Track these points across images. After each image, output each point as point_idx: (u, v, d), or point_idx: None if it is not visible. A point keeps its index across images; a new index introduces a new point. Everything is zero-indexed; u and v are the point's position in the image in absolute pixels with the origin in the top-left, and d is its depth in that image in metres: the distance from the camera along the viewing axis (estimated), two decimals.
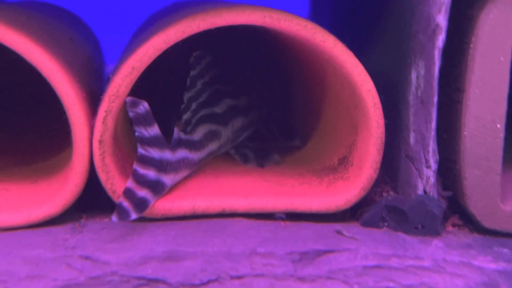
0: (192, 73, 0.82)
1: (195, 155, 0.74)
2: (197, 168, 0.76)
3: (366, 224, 0.66)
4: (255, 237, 0.57)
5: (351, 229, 0.62)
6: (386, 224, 0.64)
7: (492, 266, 0.53)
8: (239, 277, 0.50)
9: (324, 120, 0.85)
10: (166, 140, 0.67)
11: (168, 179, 0.67)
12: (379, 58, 0.86)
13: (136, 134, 0.62)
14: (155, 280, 0.50)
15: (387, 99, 0.76)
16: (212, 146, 0.79)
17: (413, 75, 0.65)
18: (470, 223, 0.62)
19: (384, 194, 0.69)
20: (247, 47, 1.03)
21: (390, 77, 0.76)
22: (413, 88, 0.65)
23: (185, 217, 0.65)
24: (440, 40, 0.61)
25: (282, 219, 0.69)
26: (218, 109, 0.83)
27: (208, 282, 0.49)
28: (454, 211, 0.65)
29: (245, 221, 0.63)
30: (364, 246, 0.56)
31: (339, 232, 0.60)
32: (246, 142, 0.88)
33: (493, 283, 0.51)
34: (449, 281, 0.51)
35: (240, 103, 0.88)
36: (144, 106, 0.63)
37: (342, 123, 0.77)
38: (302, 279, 0.51)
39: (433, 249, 0.57)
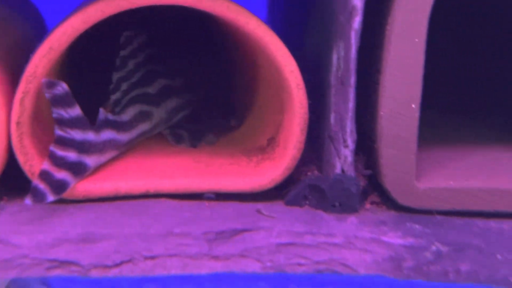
0: (122, 53, 0.81)
1: (123, 136, 0.73)
2: (126, 149, 0.76)
3: (289, 203, 0.67)
4: (175, 218, 0.57)
5: (273, 208, 0.64)
6: (308, 202, 0.66)
7: (400, 241, 0.55)
8: (152, 258, 0.51)
9: (258, 101, 0.86)
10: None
11: (91, 160, 0.66)
12: (312, 40, 0.87)
13: (54, 115, 0.62)
14: (67, 262, 0.50)
15: (316, 80, 0.77)
16: (143, 127, 0.78)
17: (334, 57, 0.66)
18: (387, 201, 0.64)
19: (309, 174, 0.70)
20: (190, 29, 1.03)
21: (319, 59, 0.77)
22: (334, 69, 0.66)
23: (109, 198, 0.65)
24: (357, 21, 0.61)
25: (211, 199, 0.70)
26: (151, 90, 0.82)
27: (121, 263, 0.50)
28: (374, 189, 0.67)
29: (168, 202, 0.63)
30: (280, 225, 0.57)
31: (259, 211, 0.61)
32: (182, 123, 0.89)
33: (399, 258, 0.53)
34: (358, 256, 0.53)
35: (175, 84, 0.88)
36: (62, 87, 0.62)
37: (272, 104, 0.78)
38: (216, 257, 0.52)
39: (347, 226, 0.58)
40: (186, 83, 0.90)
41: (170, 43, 0.95)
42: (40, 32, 1.05)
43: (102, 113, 0.69)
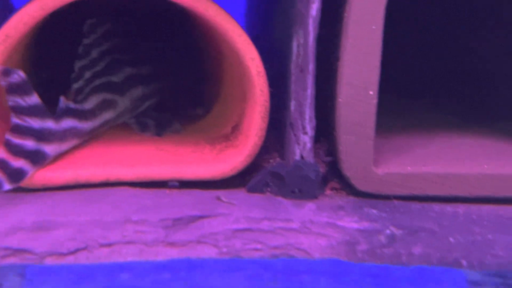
0: (86, 41, 0.80)
1: (85, 125, 0.73)
2: (89, 138, 0.75)
3: (251, 190, 0.67)
4: (134, 205, 0.57)
5: (234, 195, 0.64)
6: (269, 189, 0.66)
7: (355, 225, 0.56)
8: (108, 245, 0.51)
9: (224, 90, 0.86)
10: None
11: (50, 148, 0.66)
12: (277, 29, 0.87)
13: (10, 103, 0.61)
14: (21, 250, 0.50)
15: (281, 68, 0.77)
16: (107, 116, 0.78)
17: (294, 44, 0.66)
18: (347, 186, 0.65)
19: (271, 161, 0.71)
20: (158, 19, 1.02)
21: (283, 47, 0.77)
22: (294, 57, 0.66)
23: (69, 187, 0.65)
24: (314, 8, 0.62)
25: (175, 187, 0.70)
26: (115, 78, 0.82)
27: (76, 250, 0.50)
28: (335, 175, 0.68)
29: (129, 190, 0.63)
30: (238, 211, 0.57)
31: (218, 198, 0.61)
32: (148, 111, 0.88)
33: (353, 241, 0.53)
34: (314, 241, 0.53)
35: (142, 72, 0.88)
36: (19, 75, 0.62)
37: (236, 92, 0.78)
38: (172, 244, 0.52)
39: (305, 211, 0.59)
40: (153, 72, 0.89)
41: (138, 32, 0.95)
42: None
43: (63, 102, 0.69)
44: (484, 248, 0.54)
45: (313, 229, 0.55)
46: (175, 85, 0.94)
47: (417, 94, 0.89)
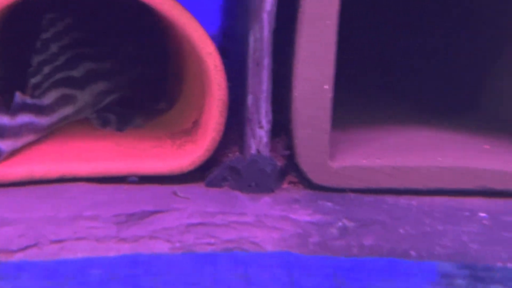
0: (44, 35, 0.79)
1: (43, 120, 0.72)
2: (47, 133, 0.75)
3: (210, 184, 0.67)
4: (88, 201, 0.57)
5: (192, 189, 0.64)
6: (227, 183, 0.67)
7: (308, 218, 0.56)
8: (59, 241, 0.50)
9: (187, 84, 0.86)
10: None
11: (5, 144, 0.65)
12: (240, 23, 0.87)
13: None
14: None
15: (242, 63, 0.77)
16: (66, 111, 0.77)
17: (251, 38, 0.66)
18: (304, 180, 0.66)
19: (230, 155, 0.71)
20: (123, 13, 1.01)
21: (244, 41, 0.77)
22: (251, 51, 0.66)
23: (24, 183, 0.64)
24: (268, 3, 0.62)
25: (134, 182, 0.69)
26: (75, 73, 0.81)
27: (26, 247, 0.49)
28: (293, 169, 0.69)
29: (86, 186, 0.62)
30: (193, 206, 0.58)
31: (174, 193, 0.61)
32: (111, 106, 0.88)
33: (305, 234, 0.54)
34: (267, 234, 0.54)
35: (104, 67, 0.87)
36: None
37: (197, 87, 0.78)
38: (124, 239, 0.52)
39: (260, 205, 0.59)
40: (116, 67, 0.89)
41: (101, 27, 0.94)
42: None
43: (19, 97, 0.68)
44: (433, 239, 0.55)
45: (267, 222, 0.56)
46: (139, 80, 0.94)
47: (377, 88, 0.90)
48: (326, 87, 0.64)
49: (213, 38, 0.69)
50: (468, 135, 0.74)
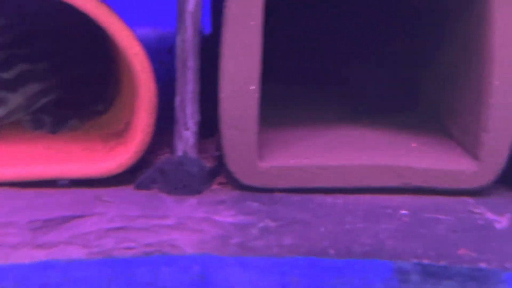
0: None
1: None
2: None
3: (139, 186, 0.67)
4: (6, 207, 0.56)
5: (119, 193, 0.63)
6: (157, 186, 0.66)
7: (230, 220, 0.56)
8: None
9: (123, 85, 0.85)
10: None
11: None
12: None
13: None
14: None
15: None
16: None
17: (178, 39, 0.66)
18: (233, 181, 0.66)
19: (162, 157, 0.70)
20: (60, 13, 0.99)
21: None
22: (178, 52, 0.66)
23: None
24: (191, 4, 0.62)
25: (65, 185, 0.68)
26: (6, 75, 0.79)
27: None
28: (224, 170, 0.69)
29: (7, 191, 0.61)
30: (115, 209, 0.57)
31: (98, 197, 0.60)
32: (46, 108, 0.86)
33: (226, 235, 0.54)
34: (187, 237, 0.54)
35: (39, 68, 0.85)
36: None
37: (130, 88, 0.78)
38: (40, 246, 0.51)
39: (184, 207, 0.59)
40: (52, 68, 0.87)
41: (40, 27, 0.92)
42: None
43: None
44: (352, 236, 0.56)
45: (189, 224, 0.56)
46: (78, 81, 0.92)
47: (316, 86, 0.90)
48: (252, 87, 0.64)
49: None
50: (400, 134, 0.75)
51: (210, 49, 0.73)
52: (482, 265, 0.53)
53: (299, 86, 0.90)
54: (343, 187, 0.65)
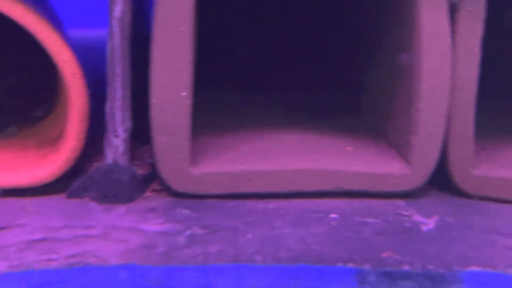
0: None
1: None
2: None
3: (70, 195, 0.66)
4: None
5: (49, 202, 0.62)
6: (89, 194, 0.65)
7: (157, 228, 0.56)
8: None
9: (61, 91, 0.83)
10: None
11: None
12: None
13: None
14: None
15: None
16: None
17: (108, 46, 0.65)
18: (166, 188, 0.65)
19: (94, 165, 0.69)
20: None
21: None
22: (108, 59, 0.65)
23: None
24: (117, 10, 0.61)
25: None
26: None
27: None
28: (158, 177, 0.68)
29: None
30: (39, 220, 0.56)
31: (23, 207, 0.59)
32: None
33: (152, 244, 0.54)
34: (111, 247, 0.53)
35: None
36: None
37: (65, 94, 0.76)
38: None
39: (112, 216, 0.58)
40: None
41: None
42: None
43: None
44: (280, 242, 0.56)
45: (114, 234, 0.55)
46: (18, 87, 0.90)
47: (257, 90, 0.90)
48: (183, 94, 0.63)
49: None
50: (339, 138, 0.75)
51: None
52: (405, 267, 0.54)
53: (247, 93, 0.90)
54: (277, 192, 0.65)
